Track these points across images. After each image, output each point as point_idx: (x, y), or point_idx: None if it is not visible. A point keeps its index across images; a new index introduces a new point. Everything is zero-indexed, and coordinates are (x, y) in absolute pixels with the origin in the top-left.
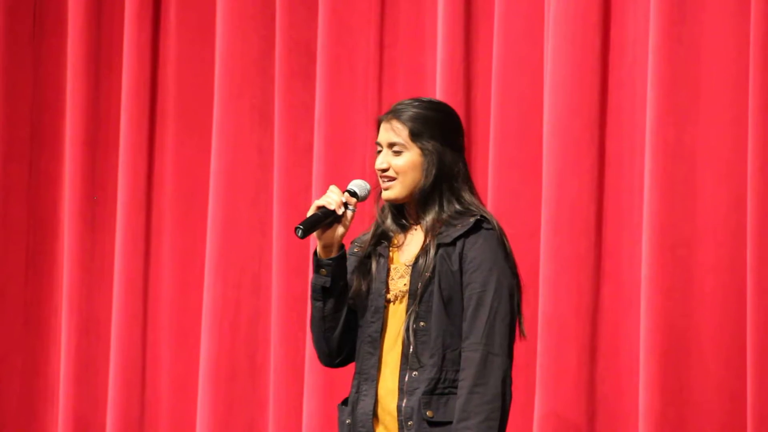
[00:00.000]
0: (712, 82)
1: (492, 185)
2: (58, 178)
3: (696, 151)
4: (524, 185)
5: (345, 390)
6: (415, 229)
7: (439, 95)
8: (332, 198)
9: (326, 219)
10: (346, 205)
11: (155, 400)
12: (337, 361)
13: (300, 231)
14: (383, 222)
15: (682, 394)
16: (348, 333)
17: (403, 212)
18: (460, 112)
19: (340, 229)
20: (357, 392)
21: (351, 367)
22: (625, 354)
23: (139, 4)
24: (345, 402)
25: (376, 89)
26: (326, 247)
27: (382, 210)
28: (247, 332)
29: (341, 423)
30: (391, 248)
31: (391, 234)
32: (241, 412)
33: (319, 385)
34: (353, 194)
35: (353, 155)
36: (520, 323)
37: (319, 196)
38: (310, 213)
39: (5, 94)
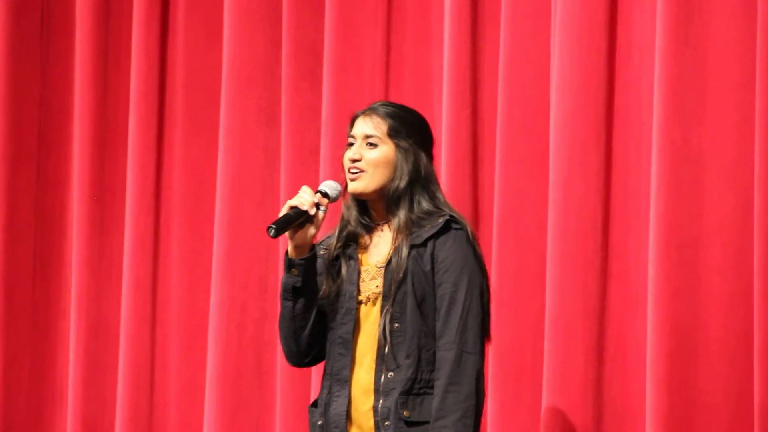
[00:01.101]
0: (718, 83)
1: (499, 185)
2: (66, 179)
3: (703, 152)
4: (531, 186)
5: None
6: (382, 230)
7: (445, 96)
8: (305, 198)
9: (298, 219)
10: (318, 205)
11: (163, 401)
12: (305, 360)
13: (272, 230)
14: (349, 220)
15: (689, 394)
16: (317, 333)
17: (368, 211)
18: (466, 112)
19: (311, 230)
20: (329, 393)
21: None
22: (632, 355)
23: (147, 6)
24: (315, 404)
25: (382, 90)
26: (298, 247)
27: (347, 208)
28: (254, 333)
29: (312, 425)
30: (358, 250)
31: (357, 235)
32: (248, 413)
33: None
34: (325, 195)
35: None
36: (488, 325)
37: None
38: (282, 213)
39: (13, 95)
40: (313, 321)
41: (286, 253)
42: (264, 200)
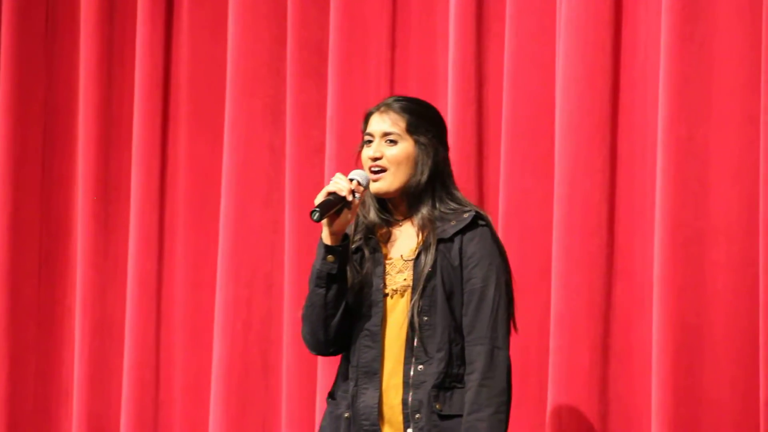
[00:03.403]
0: (724, 80)
1: (504, 183)
2: (71, 177)
3: (708, 149)
4: (536, 184)
5: None
6: (400, 225)
7: (450, 94)
8: (342, 184)
9: (338, 205)
10: (353, 192)
11: (168, 399)
12: (331, 350)
13: (317, 214)
14: (365, 217)
15: (694, 392)
16: (344, 322)
17: (386, 206)
18: (471, 110)
19: (348, 216)
20: (356, 385)
21: None
22: (637, 352)
23: (152, 4)
24: (333, 395)
25: (387, 88)
26: (334, 234)
27: (363, 204)
28: (260, 331)
29: (335, 416)
30: (380, 242)
31: (376, 228)
32: (254, 411)
33: (331, 383)
34: (358, 183)
35: None
36: (513, 318)
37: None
38: (320, 199)
39: (18, 93)
40: (343, 309)
41: (320, 240)
42: (269, 198)
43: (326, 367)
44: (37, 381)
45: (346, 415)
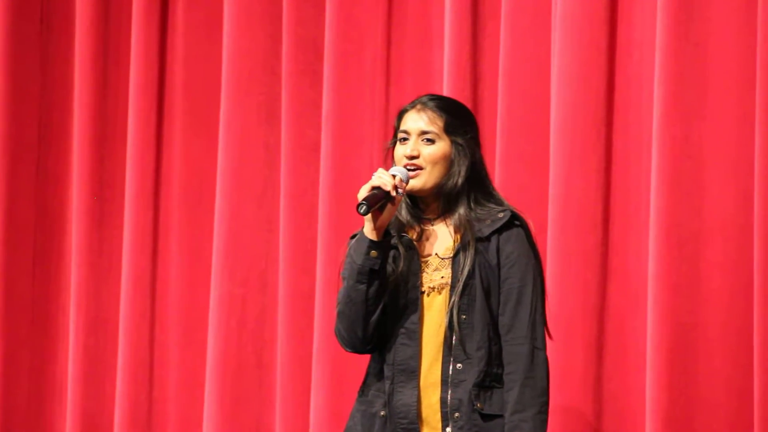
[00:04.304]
0: (718, 80)
1: (499, 182)
2: (66, 176)
3: (703, 148)
4: (531, 182)
5: (353, 386)
6: (432, 224)
7: (446, 92)
8: (386, 179)
9: (382, 199)
10: (396, 188)
11: (163, 397)
12: (368, 347)
13: (364, 207)
14: (398, 214)
15: (689, 391)
16: (382, 319)
17: (417, 204)
18: None
19: (391, 211)
20: (392, 383)
21: (356, 363)
22: (632, 351)
23: (147, 2)
24: (364, 392)
25: (383, 86)
26: (377, 229)
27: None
28: (254, 329)
29: (368, 415)
30: (414, 241)
31: (409, 227)
32: (248, 409)
33: (326, 381)
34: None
35: (360, 152)
36: (547, 326)
37: (327, 195)
38: (364, 193)
39: (13, 92)
40: (383, 306)
41: (359, 236)
42: (264, 196)
43: (320, 365)
44: (31, 378)
45: (381, 413)
